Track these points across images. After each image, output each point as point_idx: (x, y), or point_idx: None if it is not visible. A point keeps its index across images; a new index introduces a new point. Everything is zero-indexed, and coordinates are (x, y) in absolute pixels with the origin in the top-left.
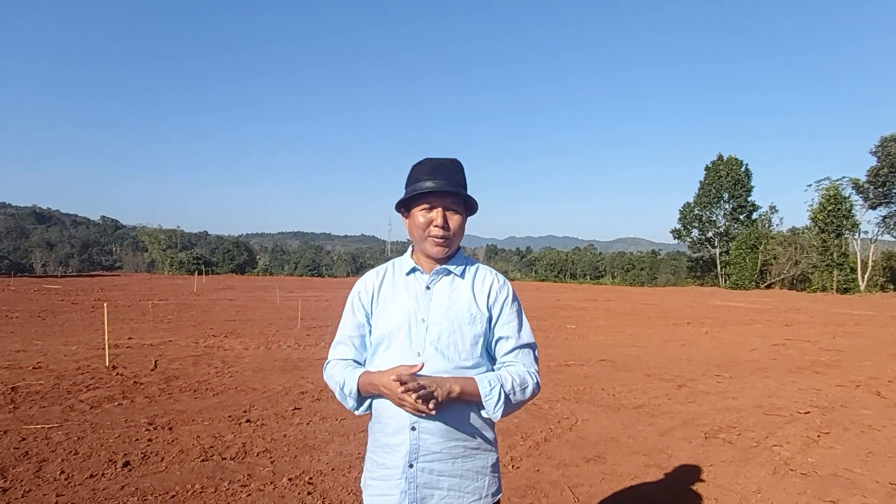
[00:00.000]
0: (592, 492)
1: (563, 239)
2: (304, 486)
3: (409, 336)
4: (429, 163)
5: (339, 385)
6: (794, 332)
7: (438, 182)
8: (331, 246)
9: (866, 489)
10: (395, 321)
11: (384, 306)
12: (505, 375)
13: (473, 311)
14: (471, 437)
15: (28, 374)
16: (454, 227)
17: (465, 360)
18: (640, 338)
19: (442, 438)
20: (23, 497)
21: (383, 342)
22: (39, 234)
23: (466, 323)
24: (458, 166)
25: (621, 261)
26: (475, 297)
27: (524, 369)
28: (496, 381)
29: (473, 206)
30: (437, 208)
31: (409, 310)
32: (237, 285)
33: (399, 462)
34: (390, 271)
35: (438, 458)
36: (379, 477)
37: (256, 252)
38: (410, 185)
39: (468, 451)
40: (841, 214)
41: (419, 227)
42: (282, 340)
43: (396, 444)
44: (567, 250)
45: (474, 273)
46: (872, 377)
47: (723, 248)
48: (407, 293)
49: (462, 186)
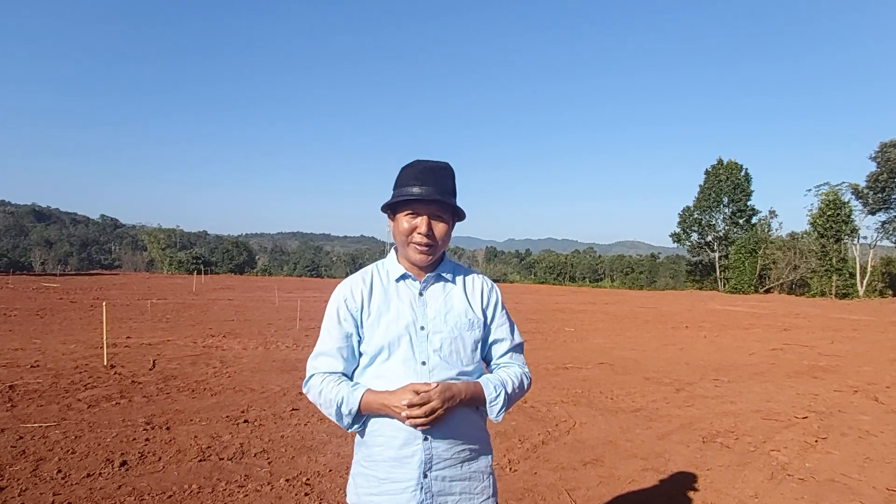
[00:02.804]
0: (590, 495)
1: (562, 241)
2: (302, 486)
3: (411, 345)
4: (418, 166)
5: (334, 403)
6: (793, 336)
7: (425, 189)
8: (330, 247)
9: (863, 495)
10: (394, 331)
11: (378, 315)
12: (506, 378)
13: (471, 317)
14: (474, 439)
15: (26, 373)
16: (439, 235)
17: (467, 365)
18: (638, 341)
19: (451, 444)
20: (20, 496)
21: (381, 353)
22: (39, 232)
23: (466, 329)
24: (448, 172)
25: (620, 264)
26: (469, 302)
27: (520, 370)
28: (500, 385)
29: (461, 213)
30: (422, 216)
31: (407, 318)
32: (236, 285)
33: (413, 474)
34: (377, 276)
35: (449, 464)
36: (384, 492)
37: (256, 252)
38: (398, 188)
39: (472, 454)
40: (840, 219)
41: (403, 233)
42: (280, 341)
43: (408, 456)
44: (566, 253)
45: (464, 278)
46: (870, 382)
47: (722, 253)
48: (401, 300)
49: (450, 193)
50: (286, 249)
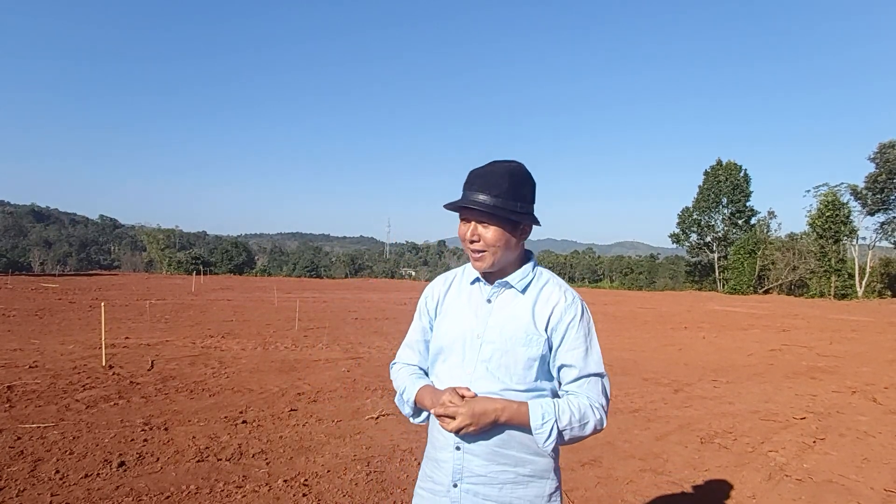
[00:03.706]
0: (588, 496)
1: (561, 242)
2: (300, 487)
3: (463, 352)
4: (479, 169)
5: (399, 390)
6: (792, 337)
7: (468, 193)
8: (329, 247)
9: (861, 495)
10: (451, 335)
11: (444, 316)
12: (564, 408)
13: (530, 332)
14: (522, 463)
15: (24, 373)
16: (489, 240)
17: (517, 383)
18: (637, 342)
19: (487, 461)
20: (17, 496)
21: (441, 354)
22: (38, 232)
23: (520, 344)
24: (507, 173)
25: (620, 264)
26: (534, 316)
27: (587, 403)
28: (551, 413)
29: (523, 216)
30: (470, 222)
31: (466, 324)
32: (235, 286)
33: (445, 479)
34: (458, 278)
35: (484, 482)
36: (427, 489)
37: (255, 252)
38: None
39: (519, 478)
40: (839, 220)
41: (461, 239)
42: (279, 341)
43: (442, 461)
44: (565, 253)
45: (539, 289)
46: (869, 383)
47: (721, 253)
48: (468, 305)
49: (506, 196)
50: (285, 250)
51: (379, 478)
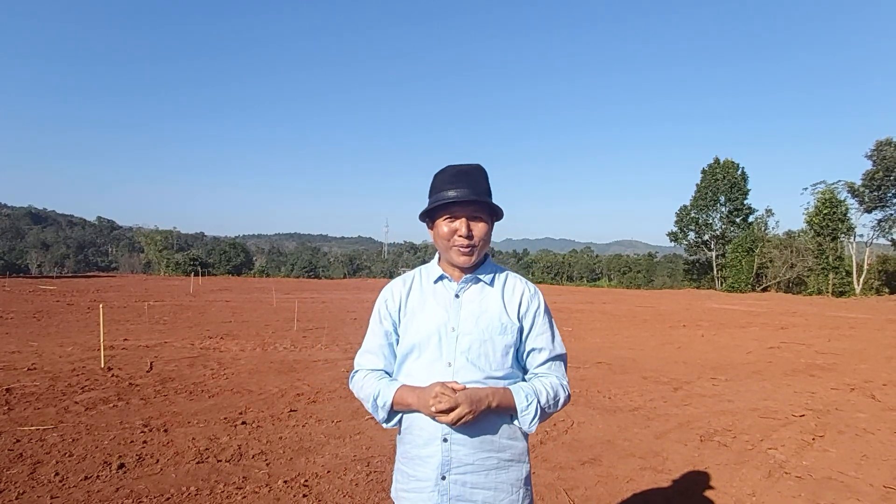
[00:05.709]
0: (588, 494)
1: (559, 241)
2: (300, 488)
3: (440, 346)
4: (450, 170)
5: (371, 396)
6: (790, 335)
7: (461, 191)
8: (328, 247)
9: (860, 492)
10: (425, 330)
11: (412, 315)
12: (540, 388)
13: (504, 321)
14: (504, 448)
15: (23, 376)
16: (479, 235)
17: (496, 370)
18: (636, 340)
19: (474, 450)
20: (17, 499)
21: (413, 352)
22: (35, 234)
23: (497, 333)
24: (482, 173)
25: (618, 263)
26: (505, 306)
27: (557, 381)
28: (532, 395)
29: (499, 211)
30: (460, 218)
31: (439, 319)
32: (233, 287)
33: (431, 474)
34: (417, 279)
35: (471, 470)
36: (411, 489)
37: (253, 253)
38: (433, 194)
39: (502, 463)
40: (836, 218)
41: (443, 238)
42: (278, 342)
43: (427, 456)
44: (564, 252)
45: (504, 281)
46: (867, 380)
47: (719, 251)
48: (436, 302)
49: (486, 193)
50: (284, 250)
51: (379, 478)
